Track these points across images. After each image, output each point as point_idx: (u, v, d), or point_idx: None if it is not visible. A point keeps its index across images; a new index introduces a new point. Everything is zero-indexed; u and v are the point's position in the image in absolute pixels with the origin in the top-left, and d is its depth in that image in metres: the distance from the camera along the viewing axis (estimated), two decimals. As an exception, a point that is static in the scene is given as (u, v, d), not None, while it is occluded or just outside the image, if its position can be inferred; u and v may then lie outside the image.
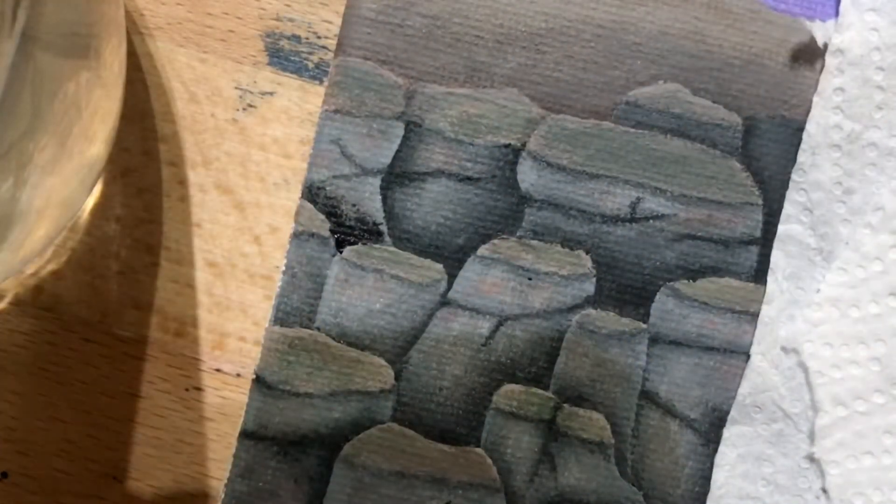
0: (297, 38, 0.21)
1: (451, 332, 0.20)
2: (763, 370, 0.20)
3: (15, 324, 0.21)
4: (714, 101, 0.20)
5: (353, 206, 0.20)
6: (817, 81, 0.20)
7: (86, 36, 0.17)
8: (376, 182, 0.20)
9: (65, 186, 0.18)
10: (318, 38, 0.21)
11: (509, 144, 0.20)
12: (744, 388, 0.20)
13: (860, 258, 0.20)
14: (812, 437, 0.20)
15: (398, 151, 0.20)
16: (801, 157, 0.20)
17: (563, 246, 0.20)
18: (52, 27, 0.16)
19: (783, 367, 0.20)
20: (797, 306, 0.20)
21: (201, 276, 0.21)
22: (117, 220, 0.21)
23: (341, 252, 0.20)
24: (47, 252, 0.21)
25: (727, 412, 0.20)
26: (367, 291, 0.20)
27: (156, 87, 0.21)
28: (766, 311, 0.20)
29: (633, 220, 0.20)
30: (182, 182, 0.21)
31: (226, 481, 0.20)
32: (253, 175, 0.21)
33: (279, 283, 0.20)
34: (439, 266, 0.20)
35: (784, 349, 0.20)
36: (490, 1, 0.20)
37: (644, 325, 0.20)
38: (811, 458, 0.20)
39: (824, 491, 0.20)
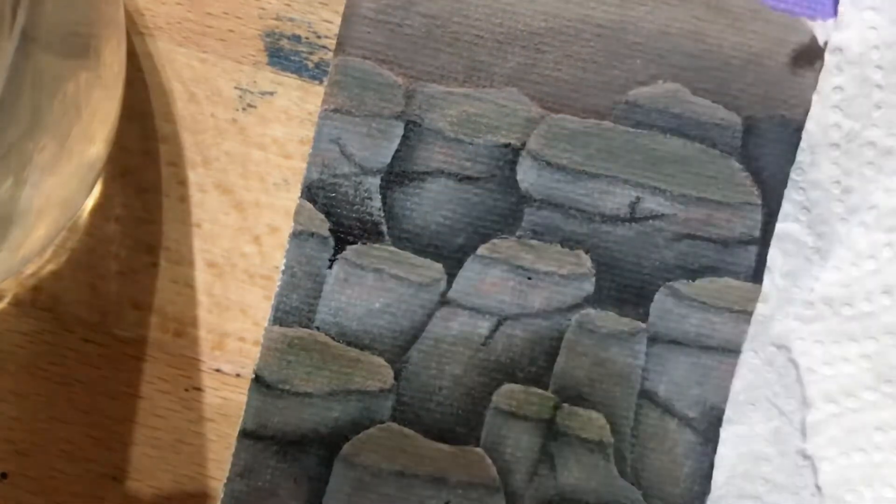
0: (297, 38, 0.21)
1: (451, 332, 0.20)
2: (756, 367, 0.20)
3: (14, 324, 0.21)
4: (714, 101, 0.20)
5: (353, 205, 0.20)
6: (817, 81, 0.20)
7: (86, 36, 0.17)
8: (376, 181, 0.20)
9: (65, 186, 0.18)
10: (318, 37, 0.21)
11: (509, 144, 0.20)
12: (737, 386, 0.20)
13: (854, 256, 0.20)
14: (804, 433, 0.20)
15: (398, 151, 0.20)
16: (800, 155, 0.20)
17: (562, 245, 0.20)
18: (52, 27, 0.16)
19: (777, 365, 0.20)
20: (793, 304, 0.20)
21: (201, 276, 0.21)
22: (117, 220, 0.21)
23: (341, 251, 0.20)
24: (47, 252, 0.21)
25: (725, 411, 0.20)
26: (366, 291, 0.20)
27: (156, 87, 0.21)
28: (762, 309, 0.20)
29: (632, 219, 0.20)
30: (182, 182, 0.21)
31: (225, 481, 0.20)
32: (253, 175, 0.21)
33: (278, 283, 0.20)
34: (439, 266, 0.20)
35: (776, 346, 0.20)
36: (490, 0, 0.20)
37: (643, 325, 0.20)
38: (805, 455, 0.20)
39: (818, 488, 0.20)
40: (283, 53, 0.21)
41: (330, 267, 0.20)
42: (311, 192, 0.20)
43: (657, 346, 0.20)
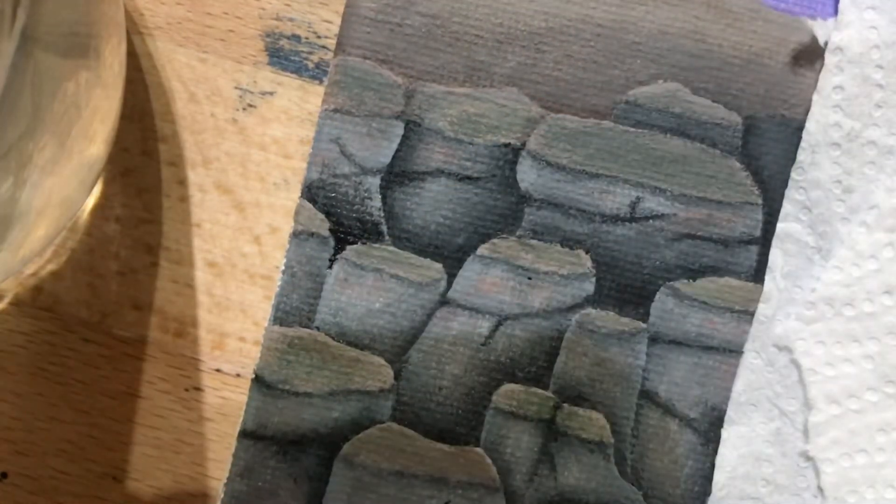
0: (297, 38, 0.21)
1: (451, 332, 0.20)
2: (757, 368, 0.20)
3: (14, 324, 0.21)
4: (714, 101, 0.20)
5: (353, 205, 0.20)
6: (817, 80, 0.20)
7: (86, 36, 0.17)
8: (376, 181, 0.20)
9: (65, 186, 0.18)
10: (318, 37, 0.21)
11: (509, 144, 0.20)
12: (738, 386, 0.20)
13: (855, 256, 0.20)
14: (806, 434, 0.20)
15: (398, 151, 0.20)
16: (801, 155, 0.20)
17: (562, 245, 0.20)
18: (52, 27, 0.16)
19: (778, 366, 0.20)
20: (795, 305, 0.20)
21: (201, 276, 0.21)
22: (117, 220, 0.21)
23: (341, 251, 0.20)
24: (47, 252, 0.21)
25: (726, 411, 0.20)
26: (366, 291, 0.20)
27: (156, 87, 0.21)
28: (763, 310, 0.20)
29: (632, 219, 0.20)
30: (182, 182, 0.21)
31: (225, 481, 0.20)
32: (253, 175, 0.21)
33: (278, 283, 0.20)
34: (439, 265, 0.20)
35: (777, 347, 0.20)
36: (490, 0, 0.20)
37: (644, 325, 0.20)
38: (807, 457, 0.20)
39: (820, 489, 0.20)
40: (283, 53, 0.21)
41: (330, 267, 0.20)
42: (311, 192, 0.20)
43: (658, 346, 0.20)
